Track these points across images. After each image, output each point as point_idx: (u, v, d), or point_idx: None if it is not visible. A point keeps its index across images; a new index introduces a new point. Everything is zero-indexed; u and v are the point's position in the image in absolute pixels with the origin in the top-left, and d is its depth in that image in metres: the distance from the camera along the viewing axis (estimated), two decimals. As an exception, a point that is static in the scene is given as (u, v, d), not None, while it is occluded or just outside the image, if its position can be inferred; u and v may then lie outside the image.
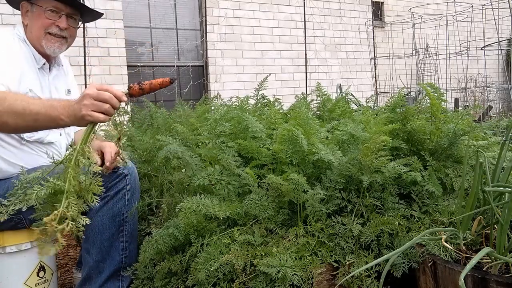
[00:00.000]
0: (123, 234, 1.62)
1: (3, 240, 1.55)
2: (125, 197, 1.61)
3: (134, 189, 1.64)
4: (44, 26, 1.67)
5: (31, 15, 1.68)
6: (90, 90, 1.27)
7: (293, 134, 1.49)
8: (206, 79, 5.64)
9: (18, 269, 1.58)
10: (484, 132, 2.04)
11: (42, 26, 1.67)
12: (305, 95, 2.84)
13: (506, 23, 6.02)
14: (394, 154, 1.76)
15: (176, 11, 5.51)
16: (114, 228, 1.60)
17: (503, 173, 1.36)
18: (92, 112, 1.26)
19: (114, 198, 1.58)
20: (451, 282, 1.21)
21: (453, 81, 5.91)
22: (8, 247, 1.55)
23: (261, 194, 1.47)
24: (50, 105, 1.32)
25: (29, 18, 1.69)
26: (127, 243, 1.63)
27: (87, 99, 1.27)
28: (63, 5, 1.69)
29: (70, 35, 1.74)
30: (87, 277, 1.63)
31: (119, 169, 1.60)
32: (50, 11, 1.67)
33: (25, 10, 1.70)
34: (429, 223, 1.48)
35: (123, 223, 1.60)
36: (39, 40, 1.68)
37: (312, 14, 6.39)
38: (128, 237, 1.63)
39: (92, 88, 1.28)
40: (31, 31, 1.68)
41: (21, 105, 1.31)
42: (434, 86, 1.78)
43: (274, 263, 1.26)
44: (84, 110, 1.26)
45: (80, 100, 1.28)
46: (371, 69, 6.58)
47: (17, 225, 1.55)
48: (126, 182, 1.61)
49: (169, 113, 2.59)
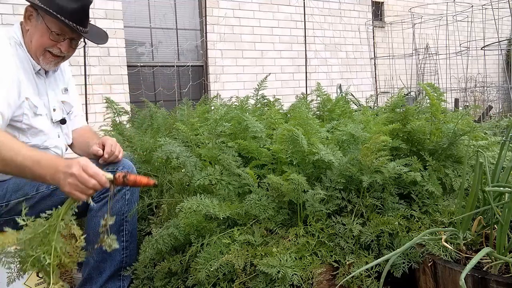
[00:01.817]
0: (123, 234, 1.62)
1: (3, 240, 1.54)
2: (124, 197, 1.61)
3: (134, 189, 1.64)
4: (45, 45, 1.62)
5: (35, 25, 1.62)
6: (77, 170, 1.27)
7: (293, 134, 1.49)
8: (206, 79, 5.64)
9: (18, 269, 1.58)
10: (484, 132, 2.04)
11: (43, 44, 1.62)
12: (305, 95, 2.84)
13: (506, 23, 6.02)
14: (394, 154, 1.76)
15: (176, 11, 5.51)
16: (114, 228, 1.60)
17: (503, 173, 1.36)
18: (74, 192, 1.28)
19: (113, 198, 1.57)
20: (451, 282, 1.21)
21: (453, 81, 5.91)
22: (8, 248, 1.55)
23: (261, 194, 1.47)
24: (37, 161, 1.31)
25: (32, 27, 1.62)
26: (127, 243, 1.63)
27: (72, 178, 1.27)
28: (69, 30, 1.63)
29: (69, 53, 1.70)
30: (88, 277, 1.63)
31: (118, 169, 1.59)
32: (55, 34, 1.62)
33: (29, 15, 1.63)
34: (429, 223, 1.48)
35: (123, 223, 1.60)
36: (36, 54, 1.63)
37: (312, 14, 6.39)
38: (128, 237, 1.63)
39: (79, 169, 1.27)
40: (30, 40, 1.63)
41: (8, 155, 1.31)
42: (434, 86, 1.78)
43: (274, 263, 1.26)
44: (68, 188, 1.28)
45: (65, 173, 1.28)
46: (371, 69, 6.58)
47: (16, 225, 1.55)
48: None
49: (169, 113, 2.59)
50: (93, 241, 1.61)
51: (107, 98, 2.53)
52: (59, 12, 1.58)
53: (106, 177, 1.30)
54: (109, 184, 1.33)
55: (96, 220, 1.58)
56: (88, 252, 1.64)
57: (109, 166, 1.59)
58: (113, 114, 2.49)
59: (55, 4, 1.57)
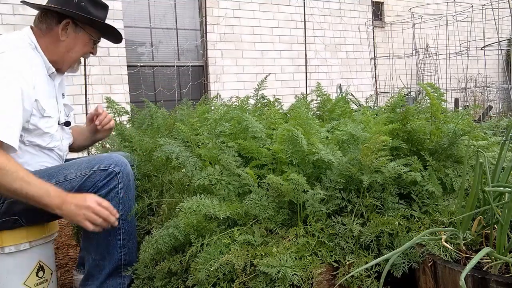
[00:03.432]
0: (120, 232, 1.62)
1: (2, 240, 1.54)
2: (118, 195, 1.59)
3: (128, 187, 1.62)
4: (84, 53, 1.76)
5: (73, 36, 1.70)
6: (92, 203, 1.46)
7: (293, 134, 1.49)
8: (206, 79, 5.64)
9: (17, 269, 1.58)
10: (484, 132, 2.04)
11: (82, 53, 1.75)
12: (305, 95, 2.84)
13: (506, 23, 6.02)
14: (394, 154, 1.76)
15: (176, 11, 5.51)
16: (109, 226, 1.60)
17: (503, 173, 1.36)
18: (85, 221, 1.45)
19: (106, 198, 1.56)
20: (451, 282, 1.21)
21: (453, 81, 5.91)
22: (7, 247, 1.55)
23: (261, 194, 1.47)
24: (46, 191, 1.43)
25: (70, 38, 1.69)
26: (125, 241, 1.63)
27: (87, 210, 1.45)
28: (100, 35, 1.80)
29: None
30: (88, 274, 1.65)
31: (110, 167, 1.58)
32: (93, 41, 1.77)
33: (65, 25, 1.67)
34: (429, 223, 1.48)
35: (119, 221, 1.59)
36: (71, 62, 1.74)
37: (312, 14, 6.39)
38: (125, 235, 1.63)
39: (94, 201, 1.46)
40: (63, 49, 1.69)
41: (19, 184, 1.40)
42: (434, 86, 1.78)
43: (274, 263, 1.26)
44: (81, 218, 1.45)
45: (80, 206, 1.45)
46: (371, 69, 6.58)
47: (14, 225, 1.56)
48: (117, 180, 1.58)
49: (169, 113, 2.59)
50: (90, 240, 1.62)
51: (107, 98, 2.54)
52: (101, 20, 1.75)
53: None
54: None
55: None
56: (87, 251, 1.65)
57: (101, 164, 1.58)
58: (113, 114, 2.49)
59: (94, 15, 1.72)
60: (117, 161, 1.60)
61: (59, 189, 1.47)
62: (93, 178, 1.55)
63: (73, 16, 1.66)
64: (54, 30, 1.66)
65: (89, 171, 1.56)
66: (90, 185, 1.55)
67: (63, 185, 1.54)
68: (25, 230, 1.58)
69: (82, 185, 1.55)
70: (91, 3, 1.71)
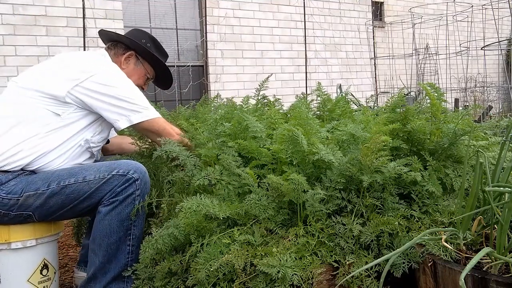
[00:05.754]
0: (130, 238, 1.63)
1: (9, 235, 1.55)
2: (134, 202, 1.61)
3: (144, 194, 1.64)
4: (137, 85, 1.86)
5: (133, 68, 1.92)
6: None
7: (293, 134, 1.49)
8: (206, 79, 5.64)
9: (22, 265, 1.58)
10: (484, 132, 2.04)
11: (136, 84, 1.85)
12: (305, 95, 2.84)
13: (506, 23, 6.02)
14: (394, 154, 1.75)
15: (176, 11, 5.51)
16: (121, 232, 1.61)
17: (503, 173, 1.36)
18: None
19: (123, 203, 1.58)
20: (451, 282, 1.21)
21: (453, 81, 5.91)
22: (14, 243, 1.56)
23: (261, 194, 1.47)
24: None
25: (130, 69, 1.91)
26: (133, 247, 1.64)
27: None
28: (155, 74, 2.01)
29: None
30: (92, 276, 1.64)
31: (129, 173, 1.60)
32: (147, 78, 1.98)
33: (128, 56, 1.90)
34: (429, 223, 1.48)
35: (131, 227, 1.60)
36: None
37: (312, 14, 6.40)
38: (135, 241, 1.64)
39: None
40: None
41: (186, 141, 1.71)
42: (434, 86, 1.78)
43: (274, 263, 1.26)
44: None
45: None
46: (371, 69, 6.59)
47: (26, 220, 1.57)
48: (135, 187, 1.60)
49: (169, 113, 2.59)
50: (100, 243, 1.62)
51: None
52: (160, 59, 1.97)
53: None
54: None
55: (103, 224, 1.59)
56: (95, 253, 1.65)
57: (120, 169, 1.60)
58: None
59: (155, 54, 1.94)
60: (136, 168, 1.63)
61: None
62: (112, 182, 1.57)
63: (137, 49, 1.90)
64: (119, 58, 1.90)
65: (108, 175, 1.58)
66: (108, 189, 1.57)
67: (81, 185, 1.56)
68: (32, 227, 1.59)
69: (99, 187, 1.57)
70: (155, 46, 1.97)
